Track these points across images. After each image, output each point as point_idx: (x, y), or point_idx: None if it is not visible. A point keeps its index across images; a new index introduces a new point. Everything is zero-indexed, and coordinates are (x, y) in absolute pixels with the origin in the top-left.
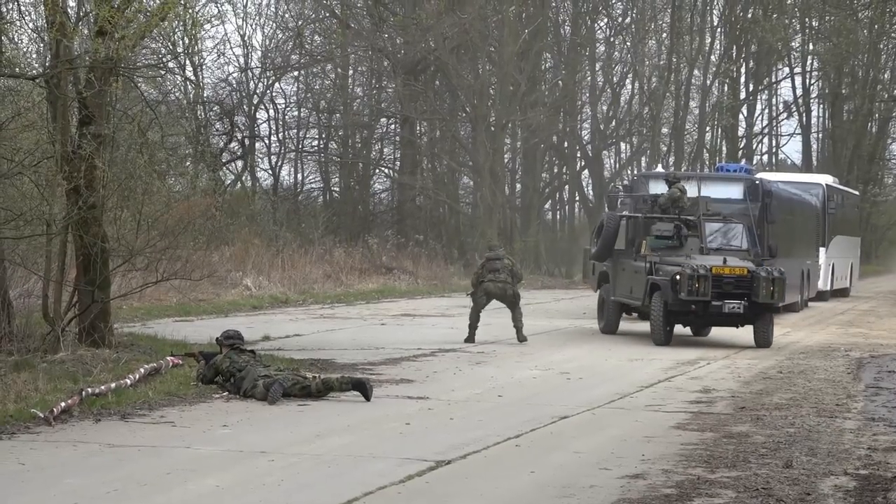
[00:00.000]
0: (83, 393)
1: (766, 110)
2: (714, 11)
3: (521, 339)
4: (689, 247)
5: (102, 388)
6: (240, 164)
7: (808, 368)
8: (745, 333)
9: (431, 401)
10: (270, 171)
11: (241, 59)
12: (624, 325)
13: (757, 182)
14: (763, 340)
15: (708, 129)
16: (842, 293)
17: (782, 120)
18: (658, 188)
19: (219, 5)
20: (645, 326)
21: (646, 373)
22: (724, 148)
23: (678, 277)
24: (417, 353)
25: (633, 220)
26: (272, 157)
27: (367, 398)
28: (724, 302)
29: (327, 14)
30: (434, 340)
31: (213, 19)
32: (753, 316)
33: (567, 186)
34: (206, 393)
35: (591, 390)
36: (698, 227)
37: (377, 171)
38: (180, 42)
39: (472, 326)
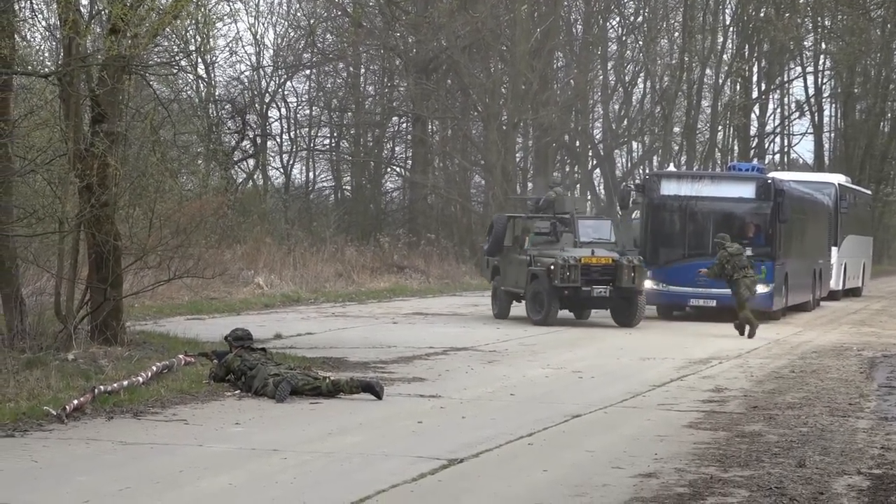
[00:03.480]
0: (95, 391)
1: (779, 109)
2: (726, 10)
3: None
4: (564, 241)
5: (115, 385)
6: (251, 162)
7: (820, 368)
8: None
9: (443, 399)
10: (282, 170)
11: (253, 58)
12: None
13: (769, 181)
14: (625, 321)
15: (720, 128)
16: (854, 293)
17: (794, 119)
18: (670, 188)
19: (231, 4)
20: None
21: (658, 372)
22: (735, 147)
23: (552, 267)
24: (429, 351)
25: (519, 219)
26: (284, 155)
27: (379, 398)
28: (593, 287)
29: (339, 13)
30: (446, 339)
31: (225, 18)
32: (620, 299)
33: (579, 185)
34: (219, 391)
35: (604, 389)
36: (572, 224)
37: (389, 169)
38: (192, 40)
39: (752, 323)
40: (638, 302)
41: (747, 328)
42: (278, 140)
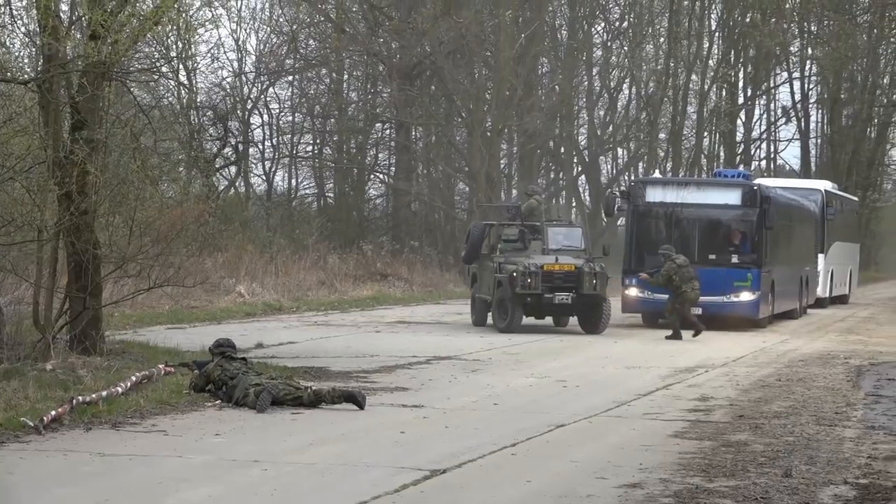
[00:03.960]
0: (74, 401)
1: (765, 115)
2: (712, 16)
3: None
4: (532, 249)
5: (93, 396)
6: (233, 169)
7: (807, 376)
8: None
9: (426, 409)
10: (264, 177)
11: (235, 64)
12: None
13: (755, 188)
14: (590, 328)
15: (706, 134)
16: (841, 300)
17: (781, 125)
18: (655, 195)
19: (213, 9)
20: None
21: (643, 381)
22: (722, 153)
23: (514, 274)
24: (412, 360)
25: (496, 227)
26: (266, 162)
27: (361, 407)
28: (555, 294)
29: (322, 18)
30: (429, 348)
31: (206, 23)
32: (583, 306)
33: (564, 192)
34: (199, 401)
35: (588, 398)
36: (542, 232)
37: (372, 176)
38: (174, 46)
39: (678, 330)
40: (603, 309)
41: (673, 332)
42: (260, 147)
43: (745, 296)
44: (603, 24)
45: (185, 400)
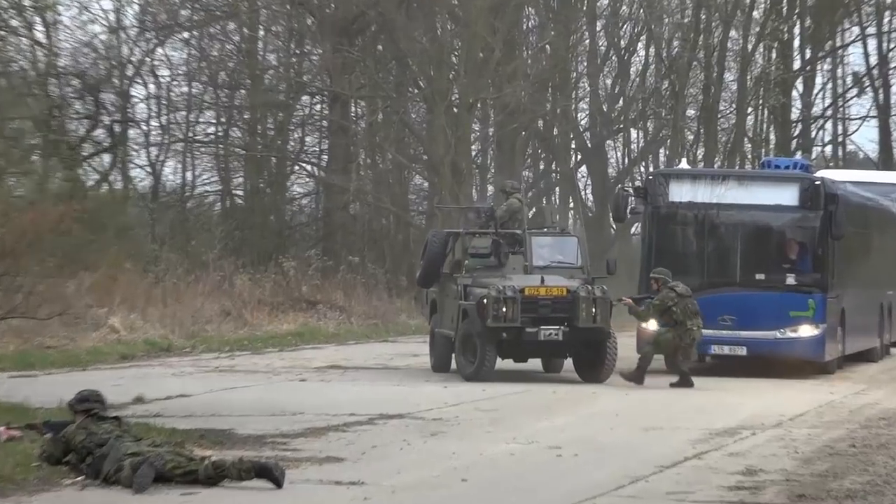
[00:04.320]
0: None
1: (830, 85)
2: None
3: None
4: (510, 265)
5: None
6: (107, 158)
7: (891, 440)
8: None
9: (368, 487)
10: (149, 169)
11: (112, 16)
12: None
13: (817, 183)
14: (589, 375)
15: (750, 110)
16: None
17: (851, 98)
18: (681, 192)
19: None
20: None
21: (667, 447)
22: (772, 136)
23: (485, 301)
24: (350, 420)
25: (464, 237)
26: (152, 148)
27: (279, 485)
28: (540, 328)
29: None
30: (373, 403)
31: None
32: (579, 344)
33: (558, 188)
34: (53, 478)
35: (592, 472)
36: (524, 243)
37: (297, 168)
38: None
39: (644, 369)
40: (606, 348)
41: (679, 377)
42: (144, 128)
43: (806, 330)
44: None
45: (34, 476)
